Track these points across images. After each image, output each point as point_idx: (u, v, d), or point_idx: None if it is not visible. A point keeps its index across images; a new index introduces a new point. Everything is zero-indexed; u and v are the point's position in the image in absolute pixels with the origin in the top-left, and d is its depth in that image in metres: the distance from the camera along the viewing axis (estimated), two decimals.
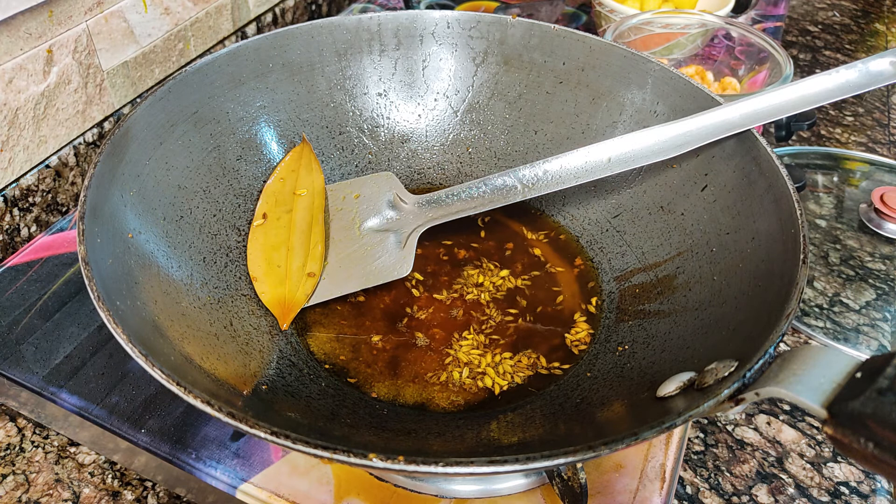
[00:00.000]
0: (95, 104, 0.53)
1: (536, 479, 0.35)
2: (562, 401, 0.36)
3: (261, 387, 0.34)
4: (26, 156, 0.49)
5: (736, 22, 0.63)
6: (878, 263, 0.51)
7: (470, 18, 0.49)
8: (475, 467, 0.24)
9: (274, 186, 0.45)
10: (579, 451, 0.24)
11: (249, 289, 0.41)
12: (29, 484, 0.37)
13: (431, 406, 0.37)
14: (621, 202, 0.46)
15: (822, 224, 0.55)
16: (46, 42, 0.48)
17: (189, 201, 0.41)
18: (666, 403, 0.29)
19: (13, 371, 0.39)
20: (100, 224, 0.33)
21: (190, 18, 0.60)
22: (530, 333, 0.41)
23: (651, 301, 0.40)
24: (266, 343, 0.38)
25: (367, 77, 0.49)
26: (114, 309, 0.28)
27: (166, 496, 0.37)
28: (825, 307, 0.48)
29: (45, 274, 0.45)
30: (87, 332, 0.41)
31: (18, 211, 0.49)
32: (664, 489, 0.35)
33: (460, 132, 0.51)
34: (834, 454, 0.40)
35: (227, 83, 0.44)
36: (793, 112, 0.39)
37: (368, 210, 0.45)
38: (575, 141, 0.48)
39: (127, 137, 0.37)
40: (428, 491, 0.35)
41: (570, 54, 0.47)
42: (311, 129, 0.48)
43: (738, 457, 0.40)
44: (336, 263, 0.43)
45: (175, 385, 0.26)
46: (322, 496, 0.34)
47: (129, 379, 0.39)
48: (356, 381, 0.38)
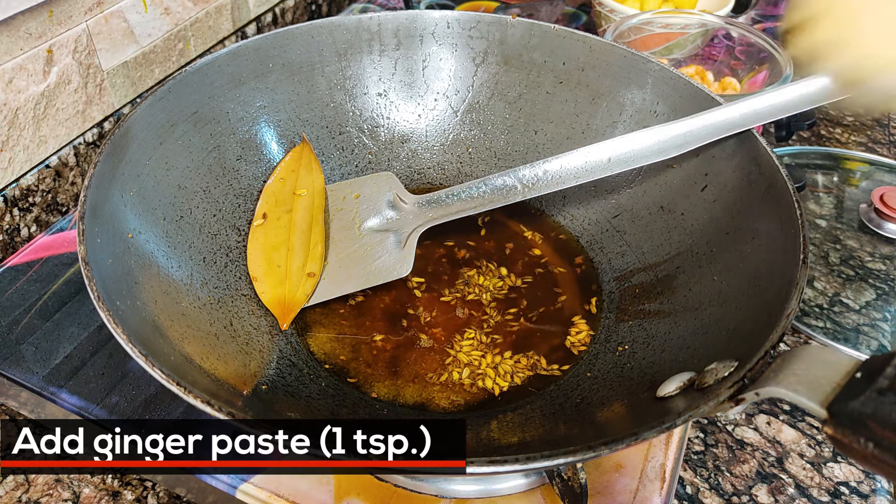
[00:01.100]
0: (95, 104, 0.53)
1: (536, 479, 0.35)
2: (562, 401, 0.36)
3: (261, 387, 0.34)
4: (26, 156, 0.49)
5: (736, 22, 0.63)
6: (878, 263, 0.51)
7: (470, 18, 0.49)
8: (475, 467, 0.24)
9: (274, 186, 0.45)
10: (579, 451, 0.24)
11: (249, 289, 0.41)
12: (29, 484, 0.37)
13: (431, 406, 0.37)
14: (621, 202, 0.46)
15: (823, 224, 0.55)
16: (46, 42, 0.47)
17: (189, 201, 0.41)
18: (666, 403, 0.29)
19: (13, 371, 0.39)
20: (100, 224, 0.33)
21: (190, 18, 0.60)
22: (530, 333, 0.41)
23: (651, 301, 0.40)
24: (266, 343, 0.38)
25: (367, 77, 0.49)
26: (114, 309, 0.28)
27: (166, 496, 0.37)
28: (825, 307, 0.48)
29: (45, 274, 0.45)
30: (87, 332, 0.41)
31: (18, 211, 0.49)
32: (664, 489, 0.35)
33: (460, 132, 0.51)
34: (834, 454, 0.40)
35: (227, 83, 0.44)
36: (793, 112, 0.39)
37: (368, 210, 0.45)
38: (575, 141, 0.48)
39: (127, 137, 0.37)
40: (428, 491, 0.35)
41: (570, 54, 0.47)
42: (311, 129, 0.48)
43: (738, 457, 0.40)
44: (336, 263, 0.43)
45: (175, 385, 0.26)
46: (322, 496, 0.34)
47: (129, 379, 0.39)
48: (356, 381, 0.38)
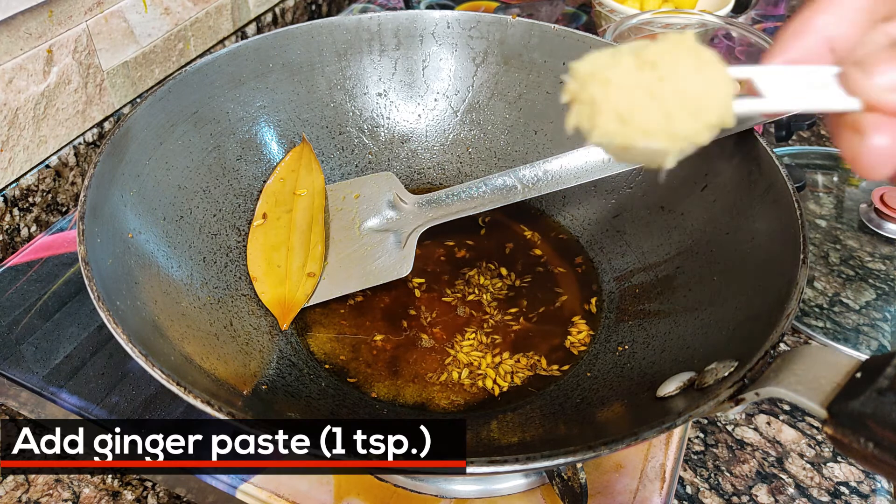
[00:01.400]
0: (95, 104, 0.53)
1: (536, 479, 0.35)
2: (562, 401, 0.36)
3: (261, 387, 0.34)
4: (26, 156, 0.49)
5: (736, 22, 0.63)
6: (878, 263, 0.51)
7: (470, 18, 0.49)
8: (475, 467, 0.24)
9: (274, 186, 0.45)
10: (579, 451, 0.24)
11: (249, 289, 0.41)
12: (29, 484, 0.37)
13: (431, 406, 0.37)
14: (621, 202, 0.46)
15: (822, 224, 0.55)
16: (46, 42, 0.47)
17: (189, 201, 0.41)
18: (666, 403, 0.29)
19: (13, 371, 0.39)
20: (100, 224, 0.33)
21: (190, 18, 0.60)
22: (530, 333, 0.41)
23: (651, 301, 0.40)
24: (266, 343, 0.38)
25: (367, 77, 0.49)
26: (114, 309, 0.28)
27: (166, 496, 0.37)
28: (825, 307, 0.48)
29: (45, 274, 0.45)
30: (87, 332, 0.41)
31: (18, 211, 0.49)
32: (664, 489, 0.35)
33: (460, 132, 0.51)
34: (834, 454, 0.40)
35: (227, 83, 0.44)
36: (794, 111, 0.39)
37: (368, 210, 0.45)
38: (575, 141, 0.48)
39: (127, 137, 0.37)
40: (428, 491, 0.35)
41: (570, 54, 0.47)
42: (311, 129, 0.48)
43: (738, 457, 0.40)
44: (336, 263, 0.43)
45: (175, 385, 0.26)
46: (322, 496, 0.34)
47: (129, 379, 0.39)
48: (356, 381, 0.38)
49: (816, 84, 0.22)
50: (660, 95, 0.20)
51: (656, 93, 0.20)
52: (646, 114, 0.20)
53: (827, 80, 0.22)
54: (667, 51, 0.20)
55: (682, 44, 0.20)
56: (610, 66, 0.20)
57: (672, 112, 0.20)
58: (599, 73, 0.20)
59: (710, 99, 0.20)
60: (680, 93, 0.20)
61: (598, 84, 0.20)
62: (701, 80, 0.20)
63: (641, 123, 0.20)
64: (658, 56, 0.20)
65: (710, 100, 0.20)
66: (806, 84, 0.22)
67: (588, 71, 0.20)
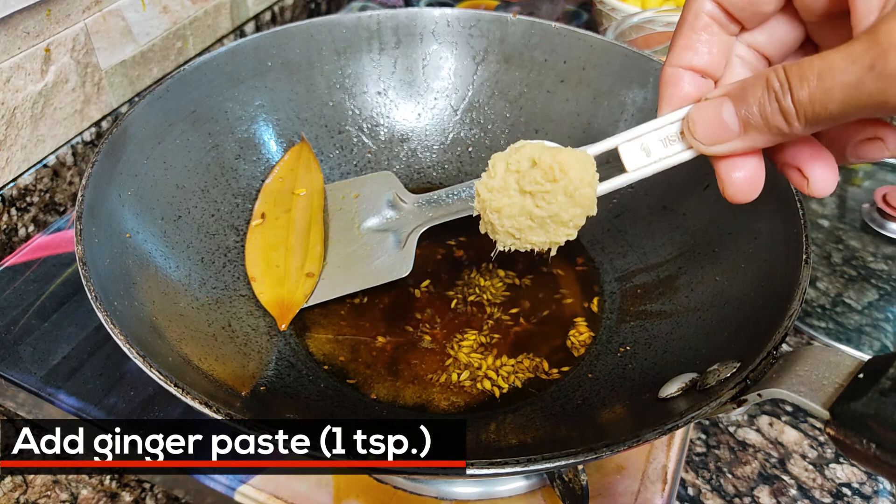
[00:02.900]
0: (93, 103, 0.53)
1: (537, 481, 0.35)
2: (563, 402, 0.36)
3: (259, 388, 0.34)
4: (24, 155, 0.49)
5: None
6: (881, 264, 0.51)
7: (470, 16, 0.48)
8: (475, 468, 0.24)
9: (273, 186, 0.45)
10: (580, 452, 0.24)
11: (248, 289, 0.40)
12: (27, 485, 0.37)
13: (431, 407, 0.36)
14: (623, 202, 0.45)
15: (825, 224, 0.55)
16: (44, 41, 0.47)
17: (187, 201, 0.41)
18: (668, 405, 0.29)
19: (11, 371, 0.39)
20: (97, 224, 0.32)
21: (188, 17, 0.60)
22: (531, 334, 0.40)
23: (653, 301, 0.40)
24: (264, 344, 0.38)
25: (367, 76, 0.49)
26: (111, 309, 0.28)
27: (164, 498, 0.37)
28: (828, 308, 0.48)
29: (43, 274, 0.44)
30: (84, 332, 0.41)
31: (16, 211, 0.49)
32: (666, 491, 0.34)
33: (460, 131, 0.51)
34: (836, 455, 0.40)
35: (226, 82, 0.44)
36: None
37: (368, 210, 0.45)
38: (576, 140, 0.47)
39: (125, 137, 0.37)
40: (428, 493, 0.34)
41: (571, 53, 0.47)
42: (310, 128, 0.48)
43: (740, 458, 0.39)
44: (335, 264, 0.42)
45: (173, 386, 0.26)
46: (321, 498, 0.34)
47: (128, 380, 0.39)
48: (355, 383, 0.37)
49: (671, 137, 0.27)
50: (539, 218, 0.28)
51: (535, 215, 0.28)
52: (530, 232, 0.29)
53: (675, 134, 0.27)
54: (542, 177, 0.27)
55: (552, 171, 0.27)
56: (501, 192, 0.28)
57: (549, 228, 0.28)
58: (494, 202, 0.28)
59: (577, 208, 0.28)
60: (553, 216, 0.28)
61: (493, 212, 0.28)
62: (567, 202, 0.27)
63: (528, 237, 0.29)
64: (534, 186, 0.27)
65: (576, 209, 0.28)
66: (661, 141, 0.27)
67: (486, 198, 0.28)
